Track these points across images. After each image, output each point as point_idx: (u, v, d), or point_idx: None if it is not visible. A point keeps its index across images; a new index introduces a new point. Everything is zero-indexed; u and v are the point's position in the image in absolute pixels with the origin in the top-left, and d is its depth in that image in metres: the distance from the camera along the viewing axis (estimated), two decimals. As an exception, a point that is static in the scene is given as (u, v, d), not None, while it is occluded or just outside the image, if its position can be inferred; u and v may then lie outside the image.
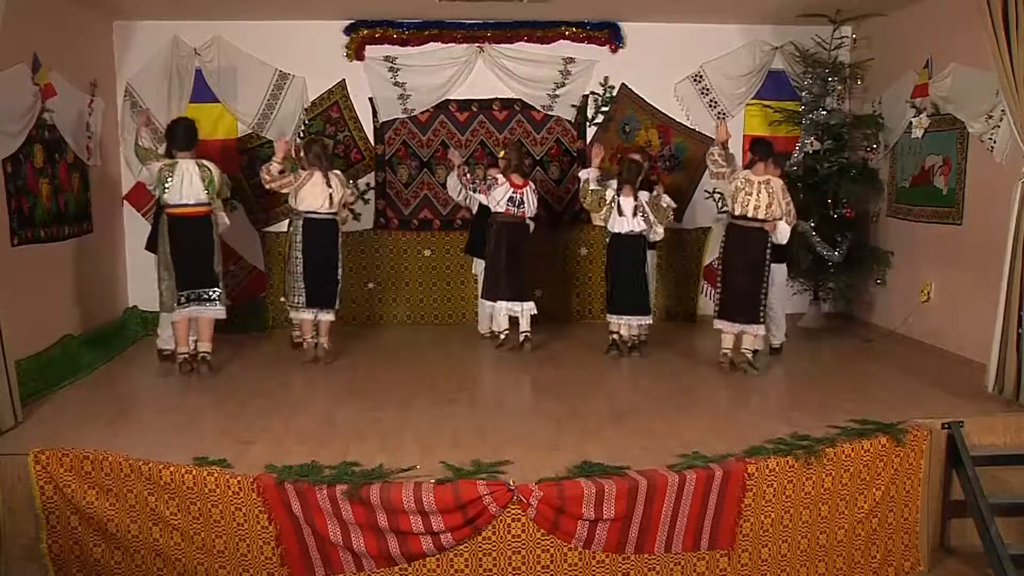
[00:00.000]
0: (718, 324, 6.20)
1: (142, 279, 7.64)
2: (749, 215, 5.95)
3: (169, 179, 5.82)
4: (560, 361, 6.65)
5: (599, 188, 6.53)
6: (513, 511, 4.07)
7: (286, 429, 4.93)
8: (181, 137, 5.97)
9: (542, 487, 4.06)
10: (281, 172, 6.19)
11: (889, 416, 4.86)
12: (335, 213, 6.41)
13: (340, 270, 6.52)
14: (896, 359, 6.55)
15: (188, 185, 5.86)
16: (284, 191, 6.39)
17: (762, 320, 6.05)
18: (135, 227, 7.69)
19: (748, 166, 6.18)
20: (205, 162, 6.00)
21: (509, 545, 4.11)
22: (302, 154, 6.42)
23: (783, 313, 6.71)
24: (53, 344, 6.15)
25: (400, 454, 4.47)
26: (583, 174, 6.76)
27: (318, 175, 6.30)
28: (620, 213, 6.39)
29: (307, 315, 6.41)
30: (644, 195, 6.51)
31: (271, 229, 7.85)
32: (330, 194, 6.30)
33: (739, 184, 5.99)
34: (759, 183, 5.95)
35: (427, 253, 8.04)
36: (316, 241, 6.32)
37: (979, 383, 5.47)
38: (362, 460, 4.32)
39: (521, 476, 4.13)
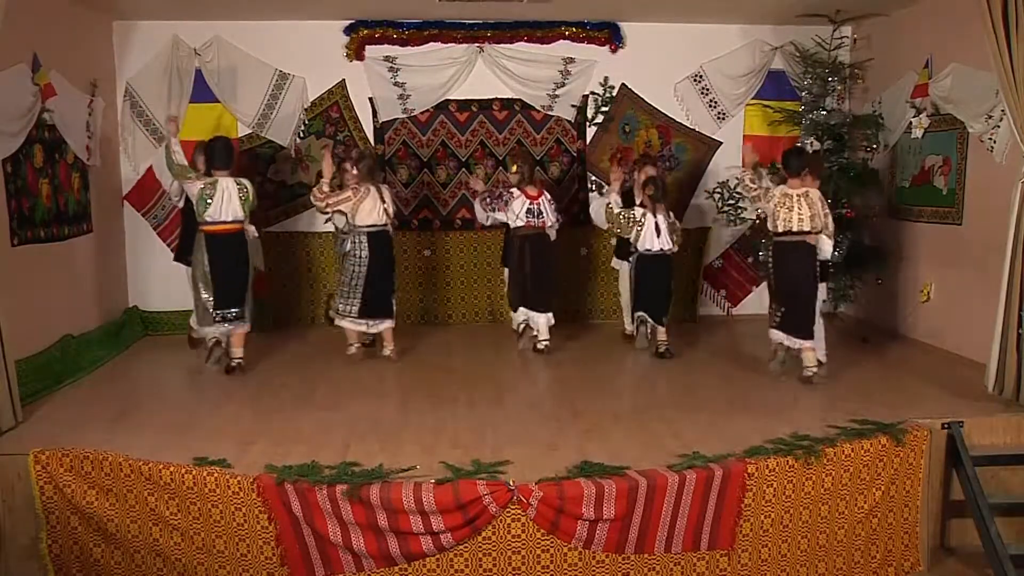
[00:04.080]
0: (777, 335, 6.03)
1: (142, 279, 7.68)
2: (794, 229, 5.84)
3: (211, 198, 5.89)
4: (560, 361, 6.65)
5: (625, 210, 6.56)
6: (513, 511, 4.08)
7: (286, 429, 4.93)
8: (220, 156, 6.04)
9: (542, 487, 4.06)
10: (331, 191, 6.32)
11: (889, 416, 4.86)
12: (386, 224, 6.50)
13: (396, 277, 6.67)
14: (896, 359, 6.55)
15: (227, 203, 5.94)
16: (341, 208, 6.41)
17: (812, 334, 5.91)
18: (135, 227, 7.71)
19: (781, 182, 6.12)
20: (243, 180, 6.09)
21: (509, 545, 4.11)
22: (353, 170, 6.44)
23: (822, 328, 6.34)
24: (53, 344, 6.15)
25: (400, 454, 4.48)
26: (605, 200, 6.73)
27: (373, 189, 6.39)
28: (657, 233, 6.43)
29: (354, 325, 6.48)
30: (670, 215, 6.58)
31: (271, 229, 7.84)
32: (385, 208, 6.42)
33: (777, 200, 5.88)
34: (797, 196, 5.85)
35: (427, 253, 8.04)
36: (380, 253, 6.42)
37: (979, 383, 5.47)
38: (362, 460, 4.32)
39: (521, 476, 4.14)
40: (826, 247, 5.95)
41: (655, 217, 6.46)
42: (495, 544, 4.11)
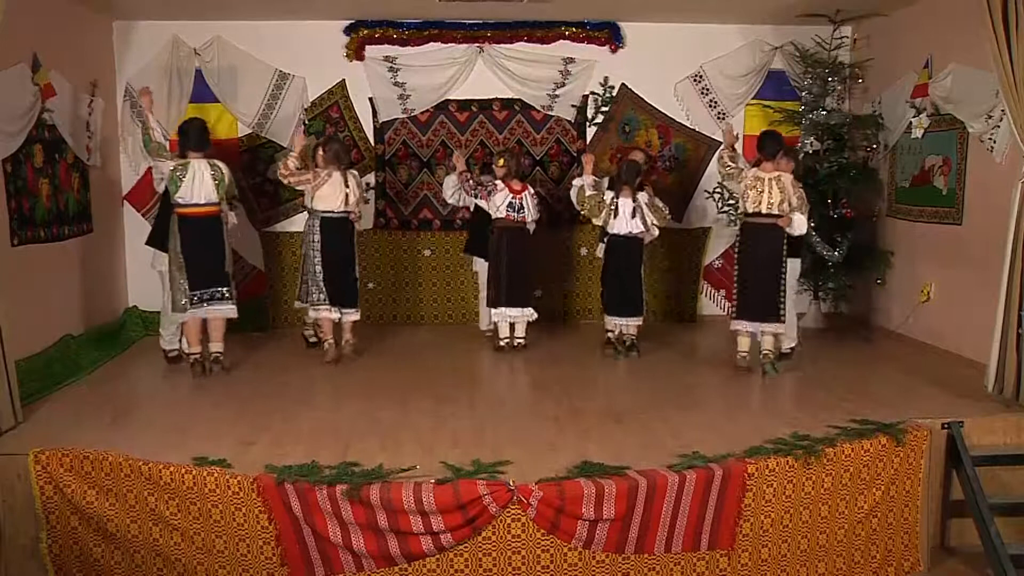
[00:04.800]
0: (736, 325, 6.14)
1: (142, 279, 7.64)
2: (763, 211, 5.93)
3: (182, 179, 5.83)
4: (560, 361, 6.65)
5: (595, 192, 6.60)
6: (513, 511, 4.08)
7: (286, 429, 4.93)
8: (193, 137, 5.96)
9: (542, 487, 4.06)
10: (299, 168, 6.25)
11: (889, 416, 4.86)
12: (350, 212, 6.43)
13: (358, 268, 6.58)
14: (896, 359, 6.55)
15: (199, 184, 5.86)
16: (301, 188, 6.40)
17: (782, 318, 6.02)
18: (135, 227, 7.69)
19: (756, 164, 6.18)
20: (217, 162, 6.01)
21: (509, 545, 4.11)
22: (320, 153, 6.41)
23: (794, 314, 6.54)
24: (53, 344, 6.15)
25: (400, 454, 4.47)
26: (577, 182, 6.81)
27: (337, 174, 6.32)
28: (616, 215, 6.44)
29: (328, 313, 6.38)
30: (643, 196, 6.57)
31: (271, 229, 7.85)
32: (347, 193, 6.32)
33: (748, 182, 5.98)
34: (769, 179, 5.94)
35: (427, 253, 8.04)
36: (333, 240, 6.34)
37: (979, 383, 5.47)
38: (362, 460, 4.32)
39: (521, 476, 4.13)
40: (799, 224, 6.00)
41: (620, 199, 6.45)
42: (495, 544, 4.11)
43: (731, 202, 8.17)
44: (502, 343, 6.85)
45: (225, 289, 6.04)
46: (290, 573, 4.16)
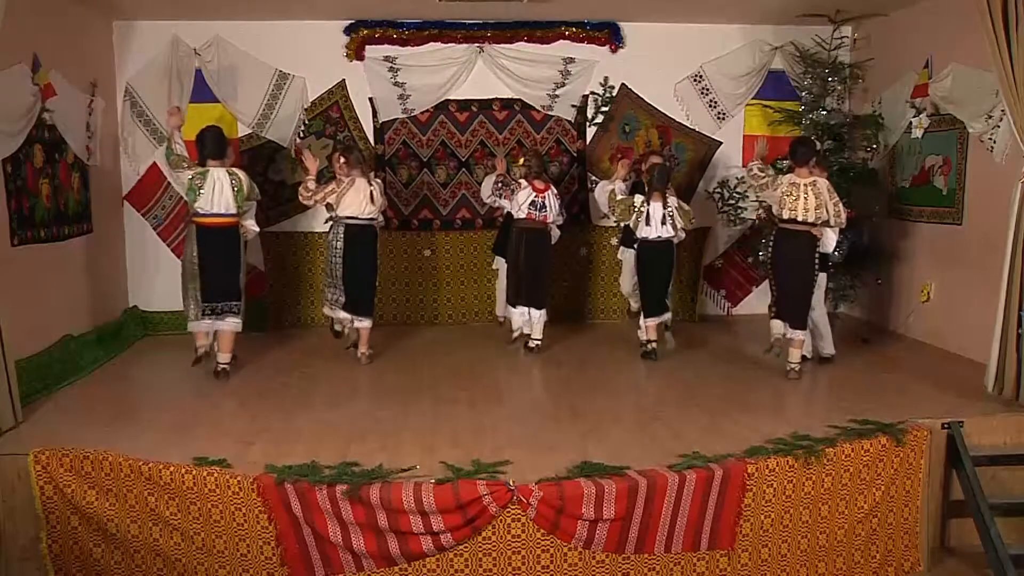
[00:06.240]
0: (776, 325, 6.11)
1: (142, 279, 7.69)
2: (799, 218, 5.87)
3: (201, 188, 5.81)
4: (560, 361, 6.65)
5: (626, 197, 6.64)
6: (513, 511, 4.08)
7: (286, 429, 4.93)
8: (211, 145, 5.93)
9: (542, 487, 4.06)
10: (317, 187, 6.27)
11: (889, 416, 4.86)
12: (374, 218, 6.43)
13: (377, 275, 6.59)
14: (896, 359, 6.55)
15: (219, 194, 5.84)
16: (329, 200, 6.35)
17: (806, 326, 6.02)
18: (135, 227, 7.71)
19: (788, 171, 6.15)
20: (236, 170, 5.99)
21: (509, 545, 4.11)
22: (341, 160, 6.42)
23: (826, 320, 6.51)
24: (53, 344, 6.15)
25: (400, 454, 4.48)
26: (608, 185, 6.86)
27: (361, 180, 6.32)
28: (648, 222, 6.44)
29: (345, 315, 6.44)
30: (672, 200, 6.58)
31: (271, 229, 7.84)
32: (371, 191, 6.31)
33: (784, 189, 5.92)
34: (805, 185, 5.88)
35: (427, 253, 8.03)
36: (357, 246, 6.34)
37: (979, 383, 5.47)
38: (362, 460, 4.32)
39: (521, 476, 4.13)
40: (829, 240, 6.01)
41: (651, 205, 6.45)
42: (495, 544, 4.11)
43: (731, 202, 8.19)
44: (515, 334, 6.87)
45: (235, 304, 6.02)
46: (290, 573, 4.16)
